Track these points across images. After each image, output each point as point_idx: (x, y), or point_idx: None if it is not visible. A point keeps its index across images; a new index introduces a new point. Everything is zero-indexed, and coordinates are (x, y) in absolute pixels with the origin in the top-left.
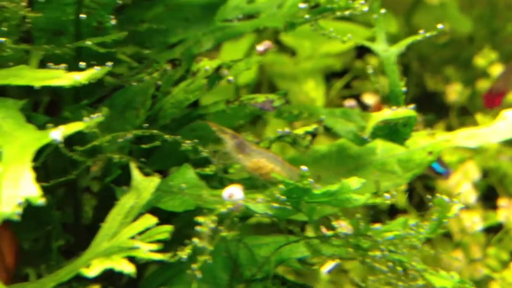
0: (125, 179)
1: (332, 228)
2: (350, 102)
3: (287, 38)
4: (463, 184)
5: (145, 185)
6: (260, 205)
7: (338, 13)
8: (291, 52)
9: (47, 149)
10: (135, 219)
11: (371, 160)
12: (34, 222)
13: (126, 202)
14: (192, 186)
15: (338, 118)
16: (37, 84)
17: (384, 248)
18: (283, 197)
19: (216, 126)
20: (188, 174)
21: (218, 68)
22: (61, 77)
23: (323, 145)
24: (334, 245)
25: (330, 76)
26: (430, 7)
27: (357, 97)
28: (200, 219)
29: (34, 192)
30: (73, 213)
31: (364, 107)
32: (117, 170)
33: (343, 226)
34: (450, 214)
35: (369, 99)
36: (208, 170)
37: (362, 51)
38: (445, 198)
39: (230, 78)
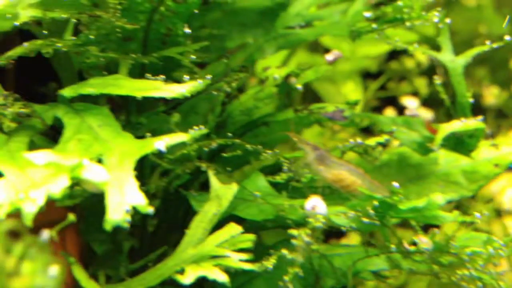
0: (188, 184)
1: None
2: (411, 111)
3: (325, 39)
4: (508, 190)
5: (223, 192)
6: (343, 219)
7: (408, 23)
8: (323, 51)
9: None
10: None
11: (433, 170)
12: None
13: (209, 209)
14: (266, 195)
15: (400, 126)
16: (138, 94)
17: (470, 266)
18: (373, 212)
19: (297, 137)
20: (260, 182)
21: (287, 76)
22: (161, 89)
23: (383, 153)
24: (416, 260)
25: (364, 77)
26: (466, 8)
27: (392, 99)
28: (293, 231)
29: (141, 200)
30: (140, 217)
31: (402, 110)
32: (186, 175)
33: (425, 241)
34: None
35: (408, 101)
36: (279, 178)
37: (395, 52)
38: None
39: (299, 86)
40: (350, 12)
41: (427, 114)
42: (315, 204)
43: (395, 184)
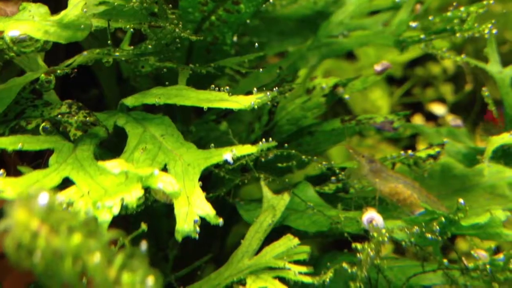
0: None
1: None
2: (456, 121)
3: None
4: None
5: (276, 202)
6: (401, 233)
7: (458, 35)
8: (346, 56)
9: None
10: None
11: (478, 182)
12: (150, 232)
13: (264, 219)
14: (317, 205)
15: (445, 137)
16: (205, 105)
17: None
18: (437, 228)
19: (352, 149)
20: (309, 192)
21: (335, 86)
22: (227, 100)
23: (426, 163)
24: (473, 277)
25: (389, 83)
26: (493, 15)
27: (417, 105)
28: (358, 245)
29: (209, 211)
30: None
31: (430, 117)
32: (231, 183)
33: (484, 256)
34: None
35: (437, 108)
36: (327, 188)
37: (420, 58)
38: None
39: (347, 96)
40: (395, 21)
41: (455, 121)
42: (373, 217)
43: (461, 201)
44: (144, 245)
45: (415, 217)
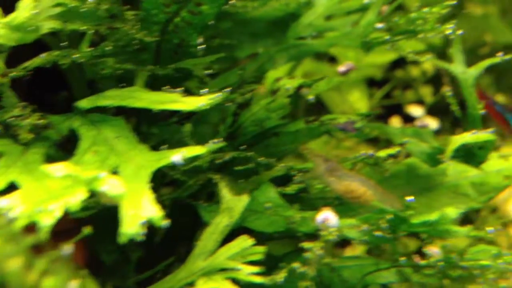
0: (196, 194)
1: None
2: (422, 122)
3: (331, 48)
4: None
5: (235, 203)
6: (354, 231)
7: (420, 36)
8: (328, 59)
9: None
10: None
11: (442, 181)
12: (112, 234)
13: (220, 221)
14: (276, 206)
15: (409, 137)
16: (156, 107)
17: (482, 281)
18: (385, 225)
19: (308, 149)
20: (270, 193)
21: (300, 87)
22: (179, 101)
23: (391, 163)
24: (426, 274)
25: (369, 85)
26: (472, 17)
27: (397, 107)
28: (306, 244)
29: (155, 213)
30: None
31: (407, 118)
32: (196, 186)
33: (436, 253)
34: None
35: (415, 110)
36: (289, 189)
37: (400, 60)
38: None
39: (311, 97)
40: (362, 23)
41: (433, 123)
42: (327, 217)
43: (410, 198)
44: (68, 248)
45: (367, 215)
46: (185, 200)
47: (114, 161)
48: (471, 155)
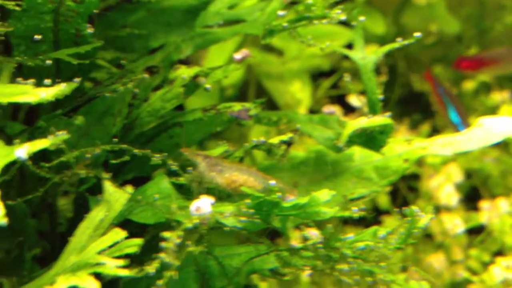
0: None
1: (305, 238)
2: (329, 108)
3: (274, 39)
4: (445, 186)
5: (116, 197)
6: (230, 218)
7: (316, 22)
8: (279, 52)
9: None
10: (106, 232)
11: (348, 166)
12: (7, 232)
13: (96, 214)
14: (165, 197)
15: (316, 124)
16: (4, 100)
17: (352, 261)
18: (252, 211)
19: (188, 150)
20: (162, 184)
21: (196, 76)
22: (28, 93)
23: (301, 151)
24: (304, 257)
25: (317, 76)
26: (418, 7)
27: (343, 98)
28: (166, 234)
29: None
30: (48, 220)
31: (349, 109)
32: (93, 179)
33: (315, 235)
34: (420, 225)
35: (355, 101)
36: (183, 179)
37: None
38: (416, 209)
39: (208, 86)
40: (267, 10)
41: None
42: (199, 206)
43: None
44: None
45: (242, 202)
46: (83, 194)
47: None
48: (373, 140)
